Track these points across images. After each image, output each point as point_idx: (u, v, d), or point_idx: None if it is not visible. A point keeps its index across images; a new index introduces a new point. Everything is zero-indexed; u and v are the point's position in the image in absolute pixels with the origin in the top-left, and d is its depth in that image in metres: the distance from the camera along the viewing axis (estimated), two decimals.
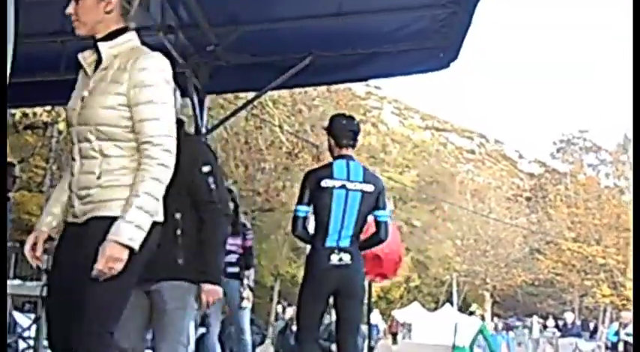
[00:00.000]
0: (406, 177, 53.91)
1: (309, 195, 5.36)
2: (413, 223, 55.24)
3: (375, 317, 38.73)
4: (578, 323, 28.93)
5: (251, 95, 10.24)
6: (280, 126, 20.05)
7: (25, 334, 8.00)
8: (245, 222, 8.15)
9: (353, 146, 5.57)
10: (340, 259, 5.17)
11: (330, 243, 5.22)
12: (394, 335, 45.66)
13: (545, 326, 32.35)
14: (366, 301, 10.71)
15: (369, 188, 5.37)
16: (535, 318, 36.47)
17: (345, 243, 5.22)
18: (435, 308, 54.09)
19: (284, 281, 43.76)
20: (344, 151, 5.47)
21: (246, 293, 7.67)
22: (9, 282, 4.93)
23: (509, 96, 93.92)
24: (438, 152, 61.94)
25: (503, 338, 30.89)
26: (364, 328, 10.96)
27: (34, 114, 17.03)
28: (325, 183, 5.29)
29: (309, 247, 5.44)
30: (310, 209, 5.40)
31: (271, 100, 19.22)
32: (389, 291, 53.80)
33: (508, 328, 37.99)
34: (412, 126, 63.35)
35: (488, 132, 64.43)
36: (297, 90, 19.44)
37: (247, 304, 7.75)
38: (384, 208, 5.48)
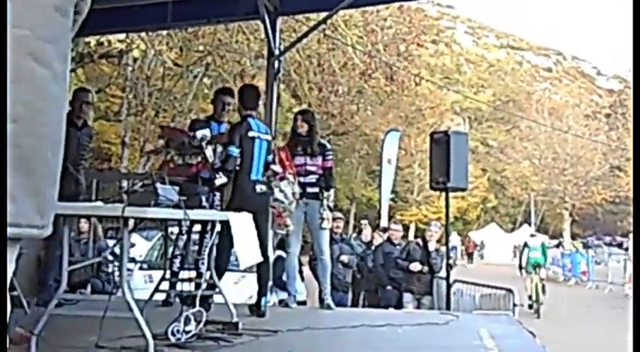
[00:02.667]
0: (481, 97, 53.11)
1: (239, 140, 6.80)
2: (489, 143, 54.74)
3: (454, 238, 38.82)
4: None
5: (322, 16, 10.11)
6: (353, 47, 19.77)
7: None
8: (325, 142, 8.07)
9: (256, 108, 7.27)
10: (261, 188, 6.93)
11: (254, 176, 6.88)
12: (470, 255, 45.85)
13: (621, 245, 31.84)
14: (443, 222, 10.64)
15: (269, 137, 7.19)
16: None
17: (261, 176, 6.98)
18: (513, 229, 53.87)
19: (359, 204, 44.02)
20: (249, 112, 7.05)
21: (326, 214, 7.66)
22: (91, 204, 5.01)
23: (586, 10, 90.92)
24: (514, 71, 60.76)
25: (583, 256, 30.60)
26: (442, 249, 10.92)
27: (109, 42, 17.11)
28: (251, 133, 6.86)
29: None
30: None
31: (343, 21, 18.93)
32: (466, 212, 53.68)
33: (587, 247, 37.55)
34: (486, 46, 62.20)
35: (565, 49, 62.75)
36: (368, 9, 19.13)
37: (327, 225, 7.75)
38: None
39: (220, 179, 7.00)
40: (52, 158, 1.81)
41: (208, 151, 6.69)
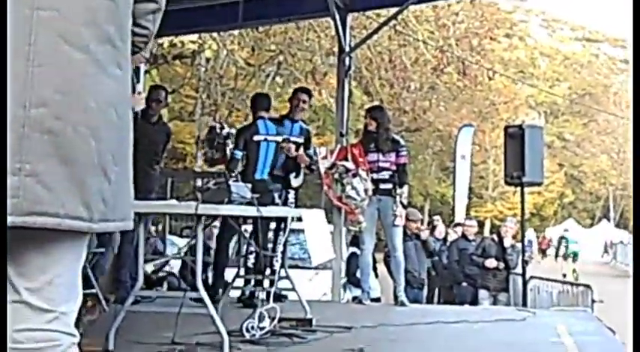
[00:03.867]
0: (557, 91, 52.07)
1: (243, 143, 7.25)
2: (565, 137, 53.70)
3: (530, 233, 38.22)
4: None
5: (393, 12, 10.06)
6: (425, 43, 19.64)
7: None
8: (398, 138, 8.03)
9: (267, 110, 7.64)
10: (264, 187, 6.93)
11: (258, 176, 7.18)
12: (544, 251, 45.12)
13: None
14: (519, 218, 10.47)
15: (281, 137, 7.37)
16: None
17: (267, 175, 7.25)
18: (591, 225, 52.78)
19: (433, 200, 43.69)
20: (259, 114, 7.42)
21: (399, 210, 7.61)
22: (165, 202, 5.08)
23: None
24: (590, 63, 59.38)
25: None
26: (518, 245, 10.76)
27: (182, 43, 17.35)
28: (256, 137, 7.23)
29: None
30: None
31: (414, 16, 18.83)
32: (542, 208, 52.78)
33: None
34: (561, 38, 60.99)
35: None
36: (439, 4, 18.96)
37: (400, 222, 7.70)
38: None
39: (296, 180, 7.15)
40: (100, 150, 1.73)
41: (229, 147, 7.32)
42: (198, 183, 4.94)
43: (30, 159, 1.61)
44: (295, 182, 7.45)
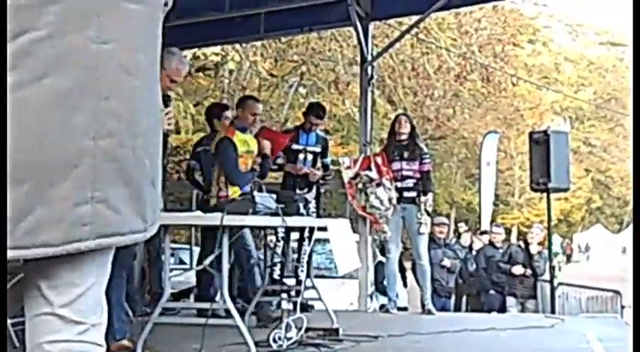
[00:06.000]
0: (582, 96, 51.76)
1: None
2: (591, 142, 53.33)
3: (556, 239, 37.96)
4: None
5: (414, 20, 10.05)
6: (447, 50, 19.61)
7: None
8: (422, 146, 8.02)
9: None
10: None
11: None
12: (568, 256, 44.89)
13: None
14: (546, 225, 10.41)
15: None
16: None
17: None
18: (620, 230, 52.34)
19: (459, 208, 43.50)
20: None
21: (424, 218, 7.59)
22: (190, 214, 5.10)
23: None
24: (615, 68, 58.98)
25: None
26: (545, 251, 10.69)
27: (205, 55, 17.46)
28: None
29: None
30: None
31: (436, 24, 18.82)
32: (569, 214, 52.42)
33: None
34: (585, 43, 60.64)
35: None
36: (462, 11, 18.94)
37: (425, 230, 7.68)
38: None
39: (310, 194, 7.16)
40: (151, 166, 1.84)
41: None
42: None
43: (99, 187, 1.70)
44: (309, 196, 7.43)
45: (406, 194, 7.59)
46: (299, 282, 6.76)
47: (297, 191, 7.24)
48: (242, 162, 6.25)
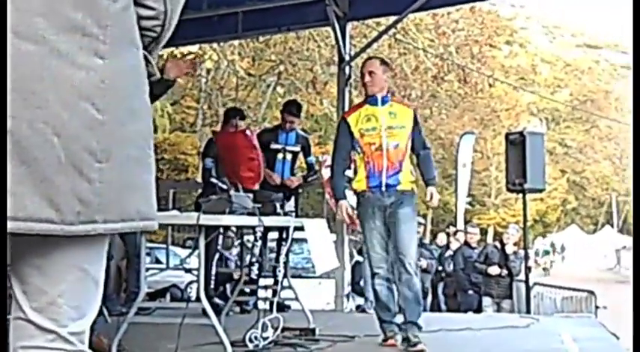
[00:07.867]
0: (558, 97, 52.12)
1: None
2: (567, 144, 53.71)
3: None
4: None
5: (392, 20, 10.08)
6: (425, 51, 19.68)
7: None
8: None
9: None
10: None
11: None
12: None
13: None
14: (522, 225, 10.47)
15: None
16: None
17: None
18: (595, 231, 52.73)
19: (436, 208, 43.62)
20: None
21: None
22: (167, 213, 5.07)
23: None
24: (591, 69, 59.47)
25: None
26: (521, 252, 10.75)
27: (182, 54, 17.40)
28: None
29: None
30: None
31: (414, 25, 18.88)
32: (545, 214, 52.74)
33: None
34: (562, 45, 61.08)
35: None
36: (439, 12, 19.00)
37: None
38: None
39: (288, 204, 7.16)
40: (64, 143, 1.57)
41: None
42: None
43: None
44: (287, 206, 7.39)
45: None
46: (276, 282, 6.75)
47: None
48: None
